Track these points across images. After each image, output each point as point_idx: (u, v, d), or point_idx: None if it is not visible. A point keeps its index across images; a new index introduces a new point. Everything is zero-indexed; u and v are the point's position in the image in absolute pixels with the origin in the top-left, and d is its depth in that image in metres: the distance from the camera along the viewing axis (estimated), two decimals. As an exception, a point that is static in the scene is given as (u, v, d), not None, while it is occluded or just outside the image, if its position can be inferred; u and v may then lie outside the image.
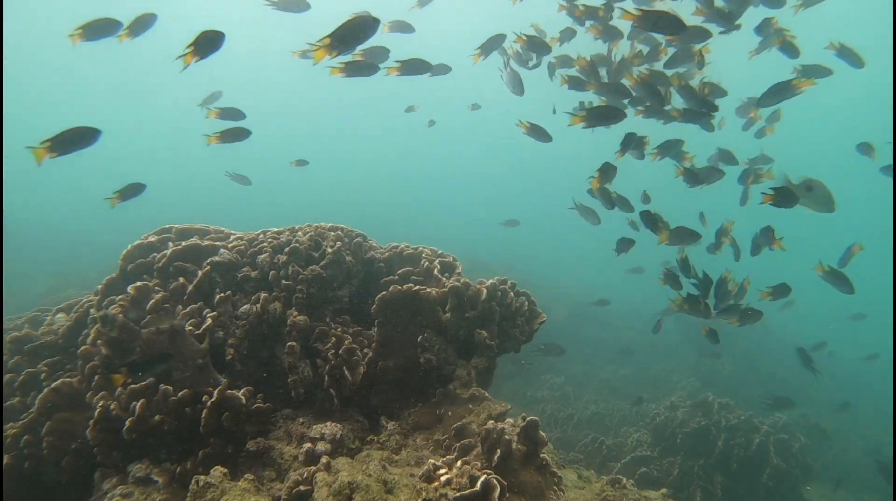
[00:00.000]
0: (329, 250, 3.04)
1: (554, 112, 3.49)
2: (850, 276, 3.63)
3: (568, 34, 3.62)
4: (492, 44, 3.43)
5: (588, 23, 3.37)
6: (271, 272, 2.91)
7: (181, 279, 2.83)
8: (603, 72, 3.53)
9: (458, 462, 2.07)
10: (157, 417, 2.23)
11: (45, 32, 26.08)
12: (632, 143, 3.28)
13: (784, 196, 2.93)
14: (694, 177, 3.58)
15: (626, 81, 3.33)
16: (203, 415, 2.24)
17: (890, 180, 3.50)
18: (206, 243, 3.05)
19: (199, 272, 2.82)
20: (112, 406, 2.24)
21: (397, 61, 2.97)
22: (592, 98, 3.62)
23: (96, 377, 2.41)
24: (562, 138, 4.52)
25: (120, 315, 2.42)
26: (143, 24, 2.84)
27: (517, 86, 3.28)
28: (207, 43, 2.45)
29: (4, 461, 2.28)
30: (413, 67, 2.95)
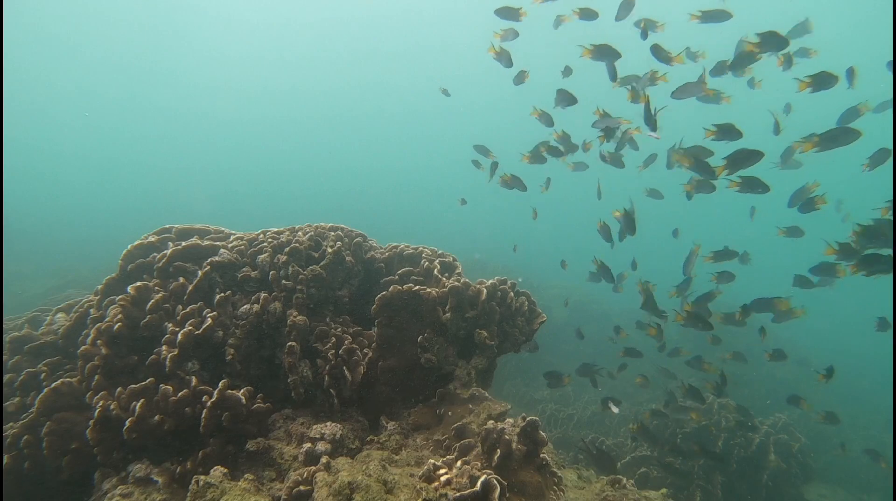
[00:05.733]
0: (329, 250, 3.04)
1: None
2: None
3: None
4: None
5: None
6: (271, 272, 2.91)
7: (181, 279, 2.83)
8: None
9: (458, 462, 2.06)
10: (157, 417, 2.23)
11: (45, 28, 26.06)
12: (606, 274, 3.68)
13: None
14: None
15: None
16: (203, 415, 2.24)
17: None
18: (206, 243, 3.05)
19: (199, 272, 2.82)
20: (112, 406, 2.24)
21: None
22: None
23: (96, 377, 2.41)
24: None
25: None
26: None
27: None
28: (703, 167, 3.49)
29: (4, 461, 2.28)
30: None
